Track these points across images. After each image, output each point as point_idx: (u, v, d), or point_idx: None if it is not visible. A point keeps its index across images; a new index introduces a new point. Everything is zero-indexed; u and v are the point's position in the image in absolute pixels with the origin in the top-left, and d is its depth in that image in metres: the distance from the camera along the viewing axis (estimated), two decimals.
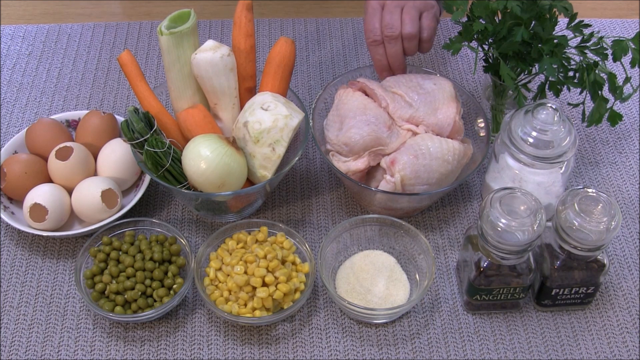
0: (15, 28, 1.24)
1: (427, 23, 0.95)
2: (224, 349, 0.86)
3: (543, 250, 0.85)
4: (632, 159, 1.06)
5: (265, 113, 0.88)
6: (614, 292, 0.92)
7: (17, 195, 0.95)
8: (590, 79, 0.90)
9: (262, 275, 0.84)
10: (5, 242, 0.96)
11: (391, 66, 0.98)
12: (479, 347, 0.87)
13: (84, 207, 0.92)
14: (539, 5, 0.89)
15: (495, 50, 0.92)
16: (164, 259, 0.89)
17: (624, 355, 0.86)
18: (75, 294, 0.91)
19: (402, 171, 0.89)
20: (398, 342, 0.87)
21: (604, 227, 0.79)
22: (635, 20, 1.27)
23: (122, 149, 0.96)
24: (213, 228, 0.98)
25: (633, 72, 1.08)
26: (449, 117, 0.94)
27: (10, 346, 0.86)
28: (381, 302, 0.88)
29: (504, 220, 0.79)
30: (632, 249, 0.96)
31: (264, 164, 0.89)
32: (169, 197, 1.01)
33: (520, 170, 0.91)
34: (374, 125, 0.92)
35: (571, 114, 1.11)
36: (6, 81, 1.16)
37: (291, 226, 0.97)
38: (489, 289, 0.85)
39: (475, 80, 1.16)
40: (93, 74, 1.17)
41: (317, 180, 1.03)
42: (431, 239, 0.97)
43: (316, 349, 0.86)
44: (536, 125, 0.87)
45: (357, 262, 0.92)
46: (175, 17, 0.90)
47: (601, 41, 0.90)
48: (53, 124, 1.00)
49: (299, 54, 1.19)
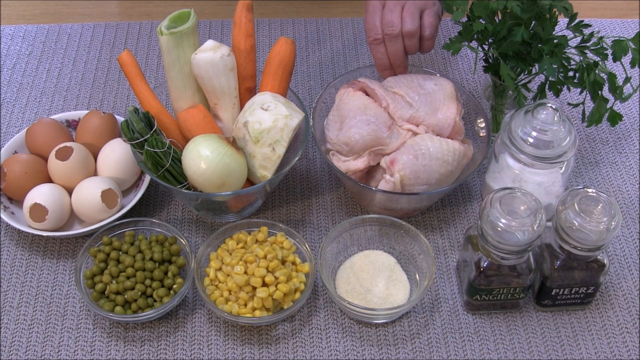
0: (15, 28, 1.24)
1: (428, 20, 0.95)
2: (224, 349, 0.86)
3: (543, 250, 0.85)
4: (632, 159, 1.06)
5: (265, 113, 0.88)
6: (614, 292, 0.92)
7: (17, 195, 0.95)
8: (590, 79, 0.90)
9: (262, 275, 0.84)
10: (5, 242, 0.96)
11: (392, 65, 0.98)
12: (479, 347, 0.87)
13: (84, 207, 0.92)
14: (539, 5, 0.89)
15: (495, 50, 0.92)
16: (164, 259, 0.89)
17: (624, 355, 0.86)
18: (75, 294, 0.91)
19: (401, 171, 0.89)
20: (398, 342, 0.87)
21: (604, 227, 0.79)
22: (635, 20, 1.27)
23: (122, 149, 0.96)
24: (213, 228, 0.98)
25: (633, 72, 1.08)
26: (450, 117, 0.94)
27: (10, 346, 0.86)
28: (381, 302, 0.88)
29: (504, 220, 0.79)
30: (632, 249, 0.96)
31: (264, 164, 0.89)
32: (169, 197, 1.01)
33: (520, 170, 0.91)
34: (374, 125, 0.92)
35: (571, 114, 1.11)
36: (6, 81, 1.16)
37: (291, 226, 0.97)
38: (489, 289, 0.85)
39: (475, 80, 1.16)
40: (93, 74, 1.17)
41: (317, 180, 1.03)
42: (431, 239, 0.97)
43: (316, 349, 0.86)
44: (536, 125, 0.87)
45: (357, 262, 0.92)
46: (175, 17, 0.90)
47: (601, 41, 0.90)
48: (53, 124, 1.00)
49: (299, 54, 1.19)
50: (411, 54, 0.97)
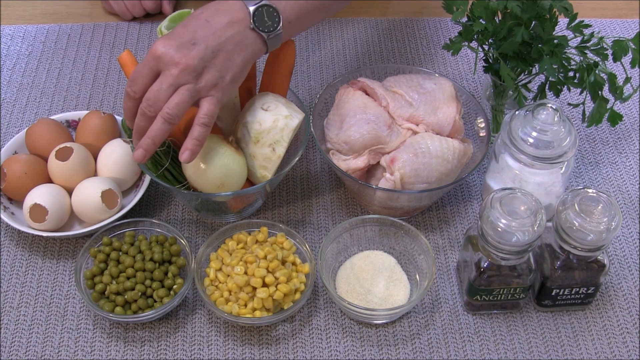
0: (15, 28, 1.24)
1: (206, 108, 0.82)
2: (224, 350, 0.86)
3: (543, 251, 0.85)
4: (632, 159, 1.06)
5: (265, 113, 0.88)
6: (614, 293, 0.92)
7: (17, 196, 0.95)
8: (590, 79, 0.90)
9: (262, 275, 0.84)
10: (5, 243, 0.96)
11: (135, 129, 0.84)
12: (479, 347, 0.87)
13: (84, 208, 0.92)
14: (539, 5, 0.88)
15: (495, 51, 0.92)
16: (164, 260, 0.89)
17: (624, 355, 0.86)
18: (75, 294, 0.91)
19: (401, 169, 0.89)
20: (398, 343, 0.87)
21: (604, 227, 0.79)
22: (635, 20, 1.27)
23: (122, 149, 0.96)
24: (213, 228, 0.97)
25: (633, 72, 1.07)
26: (449, 116, 0.94)
27: (10, 346, 0.86)
28: (381, 303, 0.88)
29: (504, 221, 0.79)
30: (632, 249, 0.96)
31: (264, 164, 0.89)
32: (169, 197, 1.01)
33: (520, 170, 0.91)
34: (374, 123, 0.92)
35: (571, 114, 1.11)
36: (6, 81, 1.15)
37: (291, 226, 0.97)
38: (489, 289, 0.85)
39: (475, 80, 1.16)
40: (93, 74, 1.17)
41: (317, 180, 1.03)
42: (431, 239, 0.97)
43: (316, 349, 0.86)
44: (536, 126, 0.87)
45: (357, 263, 0.92)
46: (175, 17, 0.90)
47: (601, 41, 0.90)
48: (53, 124, 1.00)
49: (299, 54, 1.19)
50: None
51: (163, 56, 0.80)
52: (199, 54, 0.80)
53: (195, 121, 0.82)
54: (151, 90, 0.81)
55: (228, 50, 0.82)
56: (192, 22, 0.82)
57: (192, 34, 0.81)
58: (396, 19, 1.26)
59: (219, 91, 0.82)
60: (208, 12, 0.83)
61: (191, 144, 0.82)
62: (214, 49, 0.81)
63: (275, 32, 0.84)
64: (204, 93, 0.82)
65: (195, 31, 0.81)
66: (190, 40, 0.81)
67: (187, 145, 0.82)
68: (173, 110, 0.80)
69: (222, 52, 0.81)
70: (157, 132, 0.81)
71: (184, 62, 0.80)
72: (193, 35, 0.81)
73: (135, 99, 0.82)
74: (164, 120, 0.81)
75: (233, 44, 0.82)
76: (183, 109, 0.81)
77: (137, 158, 0.83)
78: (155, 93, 0.81)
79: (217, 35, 0.81)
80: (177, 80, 0.80)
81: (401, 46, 1.22)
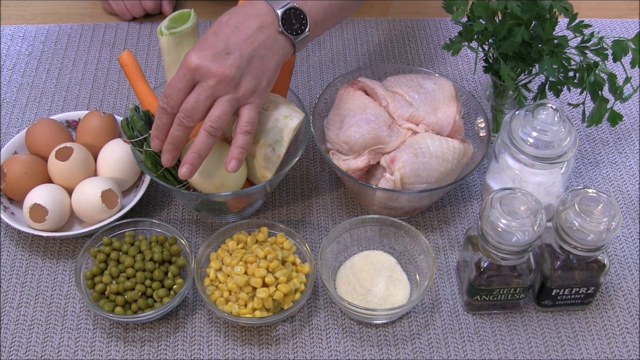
0: (15, 28, 1.24)
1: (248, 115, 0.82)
2: (224, 350, 0.86)
3: (543, 251, 0.85)
4: (632, 159, 1.06)
5: (265, 113, 0.88)
6: (614, 293, 0.92)
7: (17, 196, 0.95)
8: (590, 79, 0.90)
9: (262, 275, 0.84)
10: (5, 243, 0.96)
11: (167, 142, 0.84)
12: (479, 347, 0.87)
13: (84, 208, 0.92)
14: (539, 5, 0.89)
15: (495, 51, 0.92)
16: (164, 260, 0.89)
17: (624, 355, 0.86)
18: (75, 294, 0.91)
19: (401, 169, 0.89)
20: (398, 343, 0.87)
21: (604, 227, 0.79)
22: (635, 20, 1.27)
23: (122, 149, 0.96)
24: (213, 228, 0.97)
25: (633, 72, 1.07)
26: (449, 116, 0.94)
27: (10, 347, 0.86)
28: (381, 303, 0.88)
29: (504, 221, 0.79)
30: (632, 249, 0.96)
31: (264, 164, 0.89)
32: (169, 197, 1.01)
33: (520, 170, 0.91)
34: (374, 123, 0.92)
35: (571, 114, 1.11)
36: (6, 81, 1.15)
37: (291, 226, 0.97)
38: (489, 289, 0.85)
39: (475, 80, 1.16)
40: (93, 74, 1.17)
41: (317, 180, 1.03)
42: (431, 239, 0.97)
43: (316, 349, 0.86)
44: (536, 126, 0.87)
45: (357, 263, 0.92)
46: (176, 17, 0.90)
47: (601, 41, 0.90)
48: (53, 124, 1.00)
49: (299, 54, 1.19)
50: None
51: (199, 68, 0.79)
52: (235, 63, 0.80)
53: (238, 129, 0.82)
54: (188, 101, 0.80)
55: (261, 56, 0.82)
56: (222, 29, 0.82)
57: (224, 42, 0.81)
58: (396, 19, 1.26)
59: (257, 97, 0.83)
60: (236, 17, 0.83)
61: (237, 152, 0.82)
62: (248, 56, 0.81)
63: (303, 34, 0.85)
64: (244, 101, 0.82)
65: (228, 39, 0.81)
66: (225, 50, 0.80)
67: (234, 154, 0.82)
68: (216, 122, 0.81)
69: (256, 59, 0.81)
70: (202, 145, 0.82)
71: (221, 73, 0.79)
72: (226, 43, 0.81)
73: (172, 114, 0.82)
74: (207, 134, 0.81)
75: (265, 49, 0.82)
76: (225, 121, 0.81)
77: (184, 174, 0.82)
78: (193, 104, 0.80)
79: (249, 42, 0.81)
80: (216, 91, 0.80)
81: (401, 46, 1.22)
